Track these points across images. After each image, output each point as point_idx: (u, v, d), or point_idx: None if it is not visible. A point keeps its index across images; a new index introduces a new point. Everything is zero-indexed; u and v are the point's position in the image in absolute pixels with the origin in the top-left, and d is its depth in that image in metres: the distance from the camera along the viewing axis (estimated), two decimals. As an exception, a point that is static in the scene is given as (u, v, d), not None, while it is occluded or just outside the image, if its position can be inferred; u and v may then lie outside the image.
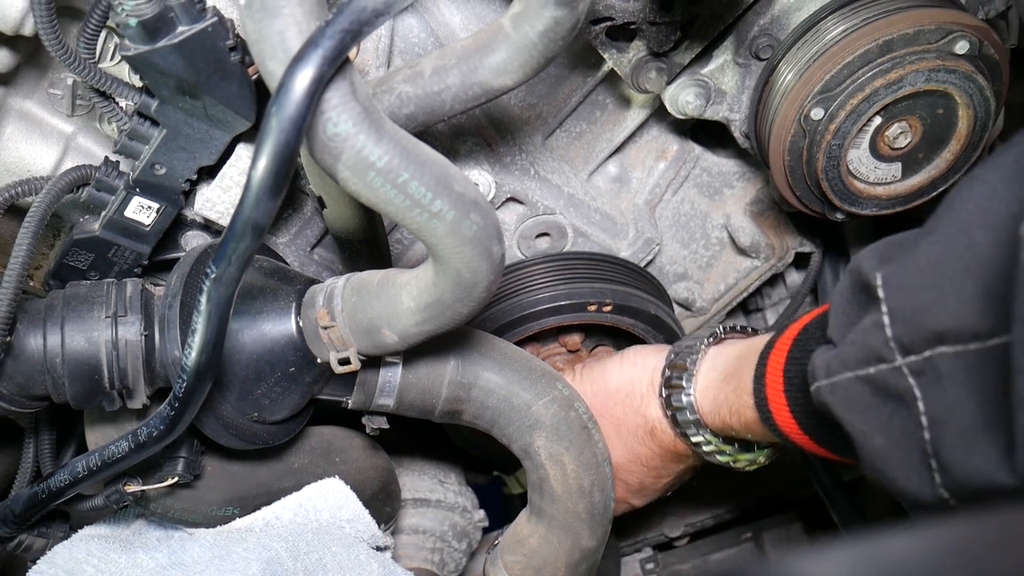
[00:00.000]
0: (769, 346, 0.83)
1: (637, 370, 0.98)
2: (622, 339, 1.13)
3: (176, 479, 0.85)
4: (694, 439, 0.93)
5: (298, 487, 0.93)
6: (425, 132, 0.94)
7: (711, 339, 0.94)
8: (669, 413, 0.93)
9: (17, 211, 0.87)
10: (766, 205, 1.15)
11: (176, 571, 0.83)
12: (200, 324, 0.68)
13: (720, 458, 0.94)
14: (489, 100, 0.81)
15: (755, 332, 0.96)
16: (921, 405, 0.61)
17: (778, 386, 0.80)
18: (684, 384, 0.91)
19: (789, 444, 0.83)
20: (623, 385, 0.98)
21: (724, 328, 0.96)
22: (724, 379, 0.89)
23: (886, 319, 0.62)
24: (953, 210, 0.60)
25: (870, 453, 0.66)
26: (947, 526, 0.41)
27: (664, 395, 0.94)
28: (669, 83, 0.98)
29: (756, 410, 0.83)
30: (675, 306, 1.19)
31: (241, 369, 0.79)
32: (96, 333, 0.79)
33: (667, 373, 0.94)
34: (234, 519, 0.91)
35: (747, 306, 1.32)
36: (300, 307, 0.80)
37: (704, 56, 0.99)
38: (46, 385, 0.79)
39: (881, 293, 0.63)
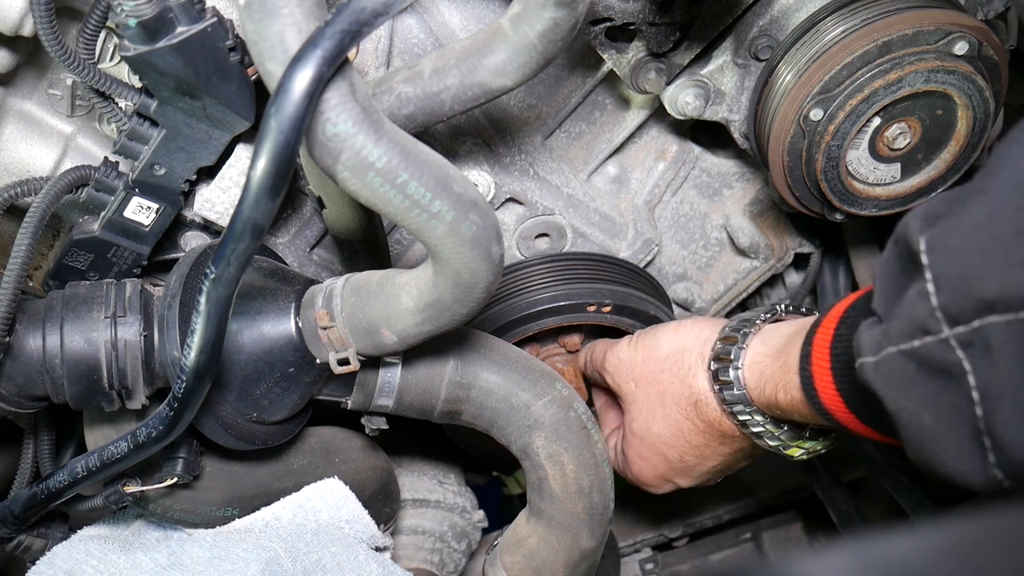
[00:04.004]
0: (817, 323, 0.79)
1: (690, 339, 0.95)
2: (621, 340, 1.13)
3: (175, 480, 0.85)
4: (741, 417, 0.89)
5: (297, 487, 0.93)
6: (424, 132, 0.94)
7: (768, 315, 0.91)
8: (716, 387, 0.90)
9: (16, 211, 0.87)
10: (765, 206, 1.15)
11: (175, 572, 0.83)
12: (199, 324, 0.68)
13: (771, 442, 0.90)
14: (488, 101, 0.81)
15: (813, 314, 0.92)
16: (971, 379, 0.56)
17: (824, 363, 0.77)
18: (732, 357, 0.88)
19: (835, 424, 0.79)
20: (672, 353, 0.95)
21: (784, 307, 0.93)
22: (773, 355, 0.85)
23: (931, 287, 0.58)
24: (1004, 167, 0.56)
25: (916, 433, 0.61)
26: (947, 526, 0.41)
27: (712, 368, 0.90)
28: (668, 84, 0.98)
29: (802, 389, 0.79)
30: (674, 306, 1.19)
31: (240, 369, 0.79)
32: (95, 333, 0.79)
33: (717, 346, 0.90)
34: (233, 520, 0.91)
35: (746, 307, 1.32)
36: (299, 307, 0.80)
37: (703, 57, 0.99)
38: (45, 385, 0.79)
39: (925, 259, 0.58)
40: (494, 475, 1.41)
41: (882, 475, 1.14)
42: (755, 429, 0.89)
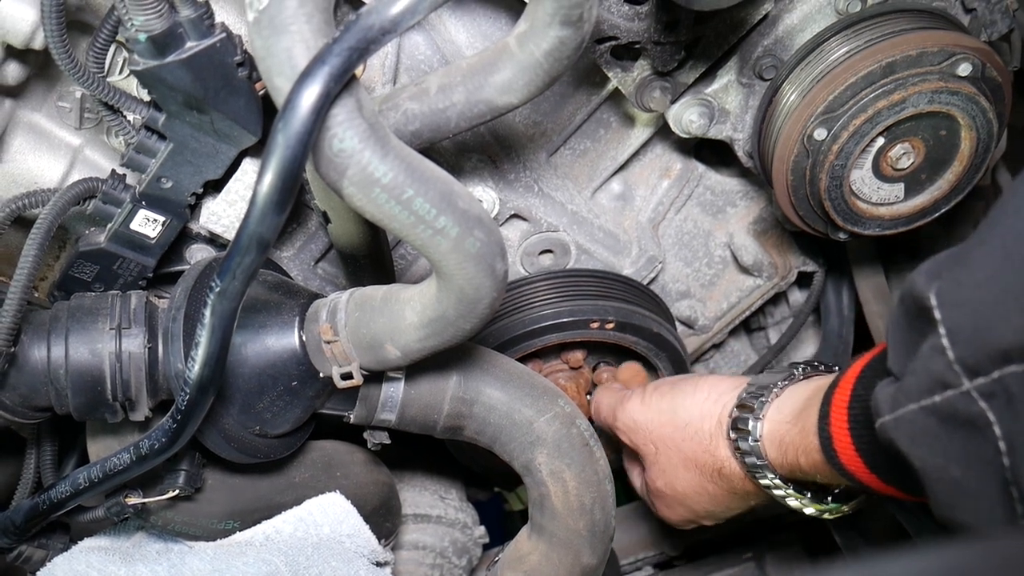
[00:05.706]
0: (834, 385, 0.80)
1: (708, 404, 0.95)
2: (624, 356, 1.13)
3: (177, 492, 0.85)
4: (763, 482, 0.90)
5: (299, 501, 0.92)
6: (430, 149, 0.94)
7: (785, 381, 0.91)
8: (738, 455, 0.91)
9: (24, 222, 0.87)
10: (769, 224, 1.16)
11: (175, 584, 0.83)
12: (204, 337, 0.68)
13: (792, 503, 0.91)
14: (494, 118, 0.81)
15: (832, 370, 0.92)
16: (997, 430, 0.56)
17: (842, 424, 0.77)
18: (750, 428, 0.89)
19: (857, 484, 0.79)
20: (693, 420, 0.96)
21: (801, 369, 0.93)
22: (791, 421, 0.86)
23: (945, 341, 0.58)
24: (1007, 216, 0.57)
25: (943, 488, 0.61)
26: (950, 550, 0.41)
27: (732, 438, 0.91)
28: (673, 102, 0.99)
29: (822, 451, 0.79)
30: (678, 324, 1.19)
31: (244, 382, 0.79)
32: (100, 345, 0.79)
33: (735, 414, 0.91)
34: (234, 533, 0.91)
35: (749, 325, 1.32)
36: (303, 321, 0.80)
37: (708, 76, 0.99)
38: (49, 396, 0.79)
39: (937, 314, 0.58)
40: (496, 491, 1.41)
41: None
42: (778, 492, 0.90)
